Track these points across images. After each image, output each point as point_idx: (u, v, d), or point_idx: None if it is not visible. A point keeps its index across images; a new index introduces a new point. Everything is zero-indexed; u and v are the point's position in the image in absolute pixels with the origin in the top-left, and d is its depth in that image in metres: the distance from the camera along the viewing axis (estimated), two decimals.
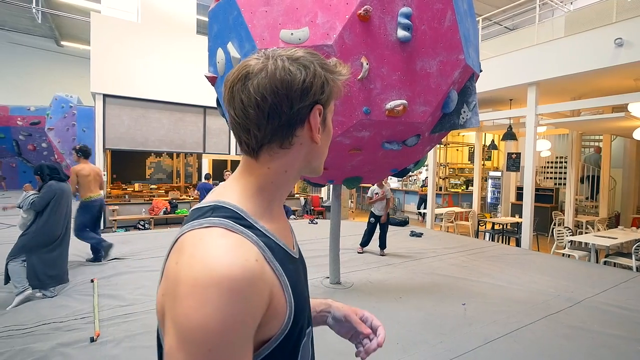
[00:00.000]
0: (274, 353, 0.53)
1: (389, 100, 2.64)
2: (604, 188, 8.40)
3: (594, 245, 5.43)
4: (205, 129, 9.57)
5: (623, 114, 5.80)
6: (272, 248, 0.55)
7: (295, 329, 0.56)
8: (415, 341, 2.86)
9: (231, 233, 0.50)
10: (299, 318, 0.57)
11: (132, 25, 8.59)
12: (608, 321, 3.31)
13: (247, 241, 0.51)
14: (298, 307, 0.56)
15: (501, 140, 8.61)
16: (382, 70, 2.56)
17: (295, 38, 2.45)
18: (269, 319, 0.51)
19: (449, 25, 2.61)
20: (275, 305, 0.51)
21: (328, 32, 2.42)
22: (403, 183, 12.81)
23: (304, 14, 2.47)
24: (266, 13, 2.56)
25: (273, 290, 0.51)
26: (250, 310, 0.46)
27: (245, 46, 2.68)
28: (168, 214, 8.92)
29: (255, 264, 0.48)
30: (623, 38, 5.25)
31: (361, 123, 2.68)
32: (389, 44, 2.53)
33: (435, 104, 2.77)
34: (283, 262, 0.55)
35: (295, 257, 0.64)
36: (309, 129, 0.58)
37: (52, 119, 10.77)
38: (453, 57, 2.69)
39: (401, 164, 3.59)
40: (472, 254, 5.80)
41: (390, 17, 2.49)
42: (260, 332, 0.50)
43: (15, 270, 3.38)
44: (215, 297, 0.43)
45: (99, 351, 2.59)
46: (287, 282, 0.54)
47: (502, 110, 8.32)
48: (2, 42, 15.32)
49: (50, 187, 3.50)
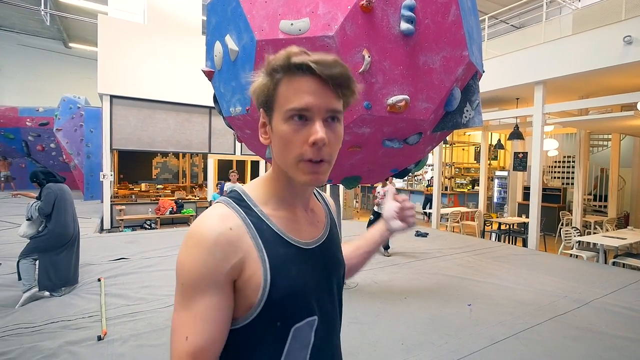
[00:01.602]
0: (255, 323, 0.62)
1: (391, 95, 2.54)
2: (613, 187, 8.29)
3: (602, 245, 5.36)
4: (211, 129, 9.62)
5: (632, 112, 5.72)
6: (261, 229, 0.64)
7: (278, 308, 0.62)
8: (420, 342, 2.85)
9: (226, 207, 0.64)
10: (288, 300, 0.63)
11: (138, 26, 8.67)
12: (616, 323, 3.26)
13: (234, 215, 0.63)
14: (284, 288, 0.62)
15: (507, 139, 8.53)
16: (384, 64, 2.48)
17: (295, 29, 2.38)
18: (245, 284, 0.61)
19: (453, 20, 2.54)
20: (250, 274, 0.61)
21: (329, 23, 2.34)
22: (408, 183, 12.76)
23: (305, 4, 2.40)
24: (266, 3, 2.48)
25: (247, 259, 0.61)
26: (215, 262, 0.58)
27: (244, 37, 2.59)
28: (174, 213, 8.99)
29: (228, 231, 0.61)
30: (632, 36, 5.17)
31: (362, 118, 2.59)
32: (392, 37, 2.45)
33: (438, 101, 2.70)
34: (270, 243, 0.64)
35: (296, 246, 0.68)
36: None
37: (60, 120, 10.90)
38: (457, 53, 2.61)
39: (402, 164, 3.50)
40: (478, 254, 5.76)
41: (394, 9, 2.42)
42: (242, 295, 0.62)
43: (25, 268, 3.44)
44: (191, 246, 0.60)
45: (106, 349, 2.62)
46: (267, 260, 0.62)
47: (508, 110, 8.24)
48: (11, 44, 15.54)
49: (50, 188, 3.53)
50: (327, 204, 0.87)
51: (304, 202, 0.74)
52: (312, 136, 0.59)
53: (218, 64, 2.98)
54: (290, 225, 0.69)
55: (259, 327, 0.62)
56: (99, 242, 6.04)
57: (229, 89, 2.96)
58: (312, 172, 0.62)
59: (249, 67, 2.58)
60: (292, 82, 0.60)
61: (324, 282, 0.72)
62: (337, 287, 0.76)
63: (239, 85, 2.80)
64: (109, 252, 5.25)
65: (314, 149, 0.60)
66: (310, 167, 0.61)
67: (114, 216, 8.46)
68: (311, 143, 0.59)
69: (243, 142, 3.67)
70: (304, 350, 0.66)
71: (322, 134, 0.59)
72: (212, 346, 0.58)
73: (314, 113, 0.60)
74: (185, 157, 13.15)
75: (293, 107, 0.60)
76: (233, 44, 2.70)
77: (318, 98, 0.59)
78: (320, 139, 0.59)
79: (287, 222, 0.69)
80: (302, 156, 0.61)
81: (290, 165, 0.63)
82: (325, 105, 0.60)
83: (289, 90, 0.60)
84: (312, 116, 0.60)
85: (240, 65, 2.70)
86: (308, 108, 0.59)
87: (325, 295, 0.72)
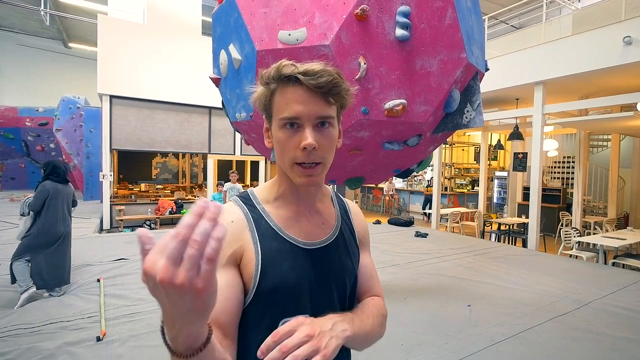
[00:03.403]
0: (249, 309, 0.67)
1: (388, 100, 2.59)
2: (612, 188, 8.29)
3: (602, 246, 5.36)
4: (211, 129, 9.62)
5: (632, 113, 5.72)
6: (260, 224, 0.71)
7: (267, 298, 0.67)
8: (420, 342, 2.84)
9: (233, 204, 0.74)
10: (277, 292, 0.67)
11: (138, 26, 8.67)
12: (616, 323, 3.26)
13: (238, 211, 0.72)
14: (273, 279, 0.67)
15: (507, 140, 8.53)
16: (381, 69, 2.53)
17: (293, 39, 2.44)
18: (242, 270, 0.68)
19: (450, 23, 2.56)
20: (246, 262, 0.68)
21: (325, 32, 2.40)
22: (408, 183, 12.76)
23: (302, 14, 2.45)
24: (265, 14, 2.55)
25: (245, 249, 0.68)
26: None
27: (246, 48, 2.67)
28: (174, 214, 8.98)
29: (230, 223, 0.69)
30: (632, 36, 5.17)
31: (360, 123, 2.65)
32: (388, 43, 2.50)
33: (437, 103, 2.73)
34: (266, 237, 0.70)
35: (292, 243, 0.71)
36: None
37: (60, 120, 10.89)
38: (454, 55, 2.64)
39: (404, 165, 3.54)
40: (478, 254, 5.76)
41: (389, 16, 2.46)
42: (243, 279, 0.68)
43: (19, 270, 3.42)
44: None
45: (105, 350, 2.61)
46: (260, 252, 0.68)
47: (508, 110, 8.24)
48: (11, 44, 15.54)
49: (44, 186, 3.53)
50: (349, 210, 0.87)
51: (308, 202, 0.77)
52: (302, 142, 0.65)
53: (224, 72, 3.06)
54: (290, 222, 0.73)
55: (251, 314, 0.68)
56: (98, 243, 6.03)
57: (234, 95, 3.05)
58: (305, 174, 0.68)
59: (252, 76, 2.67)
60: (284, 92, 0.66)
61: (322, 285, 0.72)
62: (339, 293, 0.75)
63: (242, 92, 2.89)
64: (108, 252, 5.25)
65: (304, 153, 0.66)
66: (303, 170, 0.67)
67: (113, 216, 8.45)
68: (302, 148, 0.65)
69: (250, 144, 3.75)
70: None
71: (310, 140, 0.64)
72: (219, 318, 0.62)
73: (304, 120, 0.65)
74: (185, 157, 13.15)
75: (284, 117, 0.66)
76: (236, 53, 2.78)
77: (307, 106, 0.65)
78: (309, 144, 0.64)
79: (287, 219, 0.73)
80: (295, 160, 0.67)
81: (287, 168, 0.70)
82: (315, 112, 0.65)
83: (282, 100, 0.66)
84: (302, 123, 0.66)
85: (243, 74, 2.79)
86: (298, 117, 0.65)
87: (323, 297, 0.72)
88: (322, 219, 0.78)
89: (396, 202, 12.18)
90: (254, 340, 0.66)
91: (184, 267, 0.37)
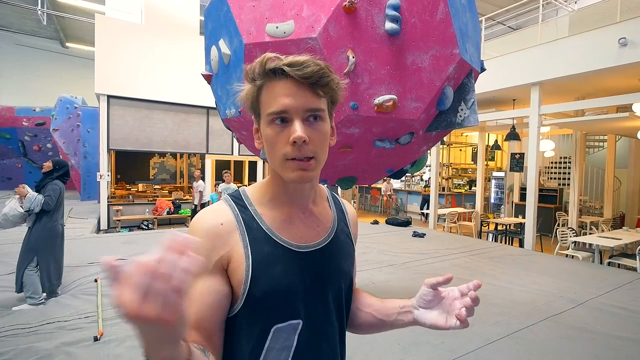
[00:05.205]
0: (240, 314, 0.65)
1: (378, 95, 2.53)
2: (608, 188, 8.34)
3: (597, 246, 5.40)
4: (209, 129, 9.61)
5: (627, 114, 5.76)
6: (251, 227, 0.68)
7: (259, 304, 0.65)
8: (416, 342, 2.86)
9: (224, 205, 0.71)
10: (269, 298, 0.65)
11: (136, 26, 8.65)
12: (612, 323, 3.29)
13: (228, 212, 0.69)
14: (264, 285, 0.65)
15: (504, 140, 8.56)
16: (370, 64, 2.47)
17: (280, 31, 2.40)
18: (230, 275, 0.65)
19: (442, 18, 2.52)
20: (234, 267, 0.65)
21: (313, 25, 2.35)
22: (406, 183, 12.79)
23: (290, 7, 2.41)
24: (253, 7, 2.51)
25: (233, 253, 0.65)
26: (204, 252, 0.63)
27: (234, 42, 2.62)
28: (171, 214, 8.97)
29: (219, 225, 0.66)
30: (627, 37, 5.21)
31: (349, 119, 2.59)
32: (377, 37, 2.44)
33: (429, 100, 2.67)
34: (257, 241, 0.67)
35: (285, 247, 0.68)
36: None
37: (57, 120, 10.85)
38: (447, 51, 2.58)
39: (397, 165, 3.47)
40: (475, 254, 5.78)
41: (378, 9, 2.42)
42: (232, 284, 0.65)
43: (32, 281, 3.36)
44: (189, 233, 0.63)
45: (102, 350, 2.61)
46: (251, 256, 0.65)
47: (505, 111, 8.28)
48: (8, 43, 15.46)
49: (57, 185, 3.55)
50: (346, 212, 0.85)
51: (302, 203, 0.73)
52: (291, 135, 0.62)
53: (215, 68, 3.01)
54: (283, 225, 0.70)
55: (243, 320, 0.66)
56: (95, 243, 6.02)
57: (224, 92, 3.00)
58: (298, 169, 0.64)
59: (240, 70, 2.62)
60: (270, 87, 0.63)
61: (317, 289, 0.70)
62: (334, 297, 0.73)
63: (232, 88, 2.83)
64: (105, 252, 5.24)
65: (294, 147, 0.62)
66: (296, 165, 0.63)
67: (111, 216, 8.43)
68: (291, 142, 0.62)
69: (242, 143, 3.69)
70: (285, 351, 0.67)
71: (300, 133, 0.61)
72: (201, 324, 0.62)
73: (293, 114, 0.62)
74: (183, 158, 13.13)
75: (272, 111, 0.63)
76: (226, 48, 2.73)
77: (295, 99, 0.62)
78: (298, 137, 0.61)
79: (280, 222, 0.70)
80: (286, 155, 0.63)
81: (278, 165, 0.66)
82: (303, 105, 0.62)
83: (268, 95, 0.63)
84: (291, 117, 0.62)
85: (232, 69, 2.74)
86: (286, 110, 0.62)
87: (317, 302, 0.70)
88: (317, 221, 0.75)
89: (394, 202, 12.22)
90: (246, 347, 0.65)
91: (151, 300, 0.38)
